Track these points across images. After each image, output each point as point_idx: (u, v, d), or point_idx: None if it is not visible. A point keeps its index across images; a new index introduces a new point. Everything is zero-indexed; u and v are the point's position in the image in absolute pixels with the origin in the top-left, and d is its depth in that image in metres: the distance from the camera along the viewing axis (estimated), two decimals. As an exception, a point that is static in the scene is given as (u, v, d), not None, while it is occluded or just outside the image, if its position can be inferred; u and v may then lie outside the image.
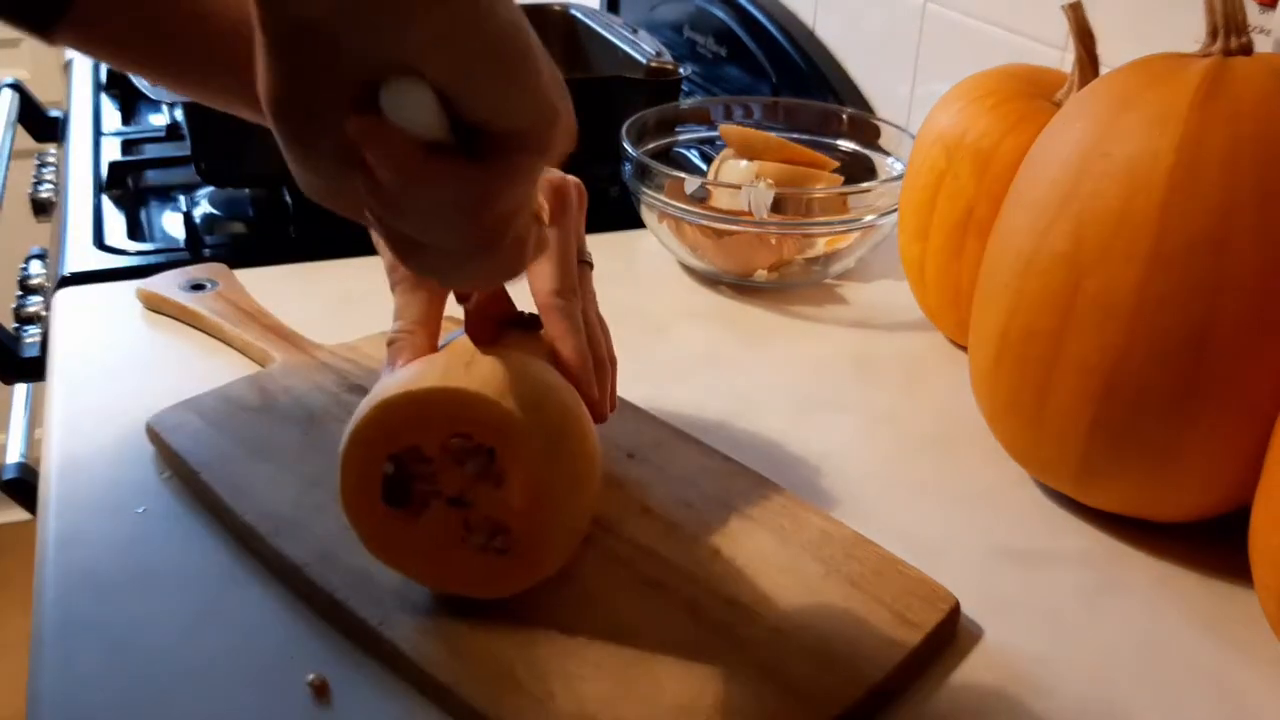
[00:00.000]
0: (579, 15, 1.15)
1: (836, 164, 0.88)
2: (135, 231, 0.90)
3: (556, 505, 0.46)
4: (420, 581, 0.49)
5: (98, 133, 1.07)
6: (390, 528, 0.47)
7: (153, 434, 0.61)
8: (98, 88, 1.18)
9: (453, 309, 0.73)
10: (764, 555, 0.53)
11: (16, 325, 0.90)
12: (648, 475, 0.59)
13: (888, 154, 0.89)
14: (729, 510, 0.56)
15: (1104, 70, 0.64)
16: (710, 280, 0.84)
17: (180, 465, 0.58)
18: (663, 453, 0.60)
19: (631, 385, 0.66)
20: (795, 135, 0.92)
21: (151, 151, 1.04)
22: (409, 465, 0.46)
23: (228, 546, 0.54)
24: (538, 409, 0.45)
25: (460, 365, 0.46)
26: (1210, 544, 0.57)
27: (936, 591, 0.51)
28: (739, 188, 0.80)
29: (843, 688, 0.46)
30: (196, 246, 0.86)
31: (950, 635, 0.51)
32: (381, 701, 0.47)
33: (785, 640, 0.48)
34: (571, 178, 0.55)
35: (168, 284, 0.76)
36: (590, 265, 0.56)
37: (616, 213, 0.94)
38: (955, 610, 0.51)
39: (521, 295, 0.53)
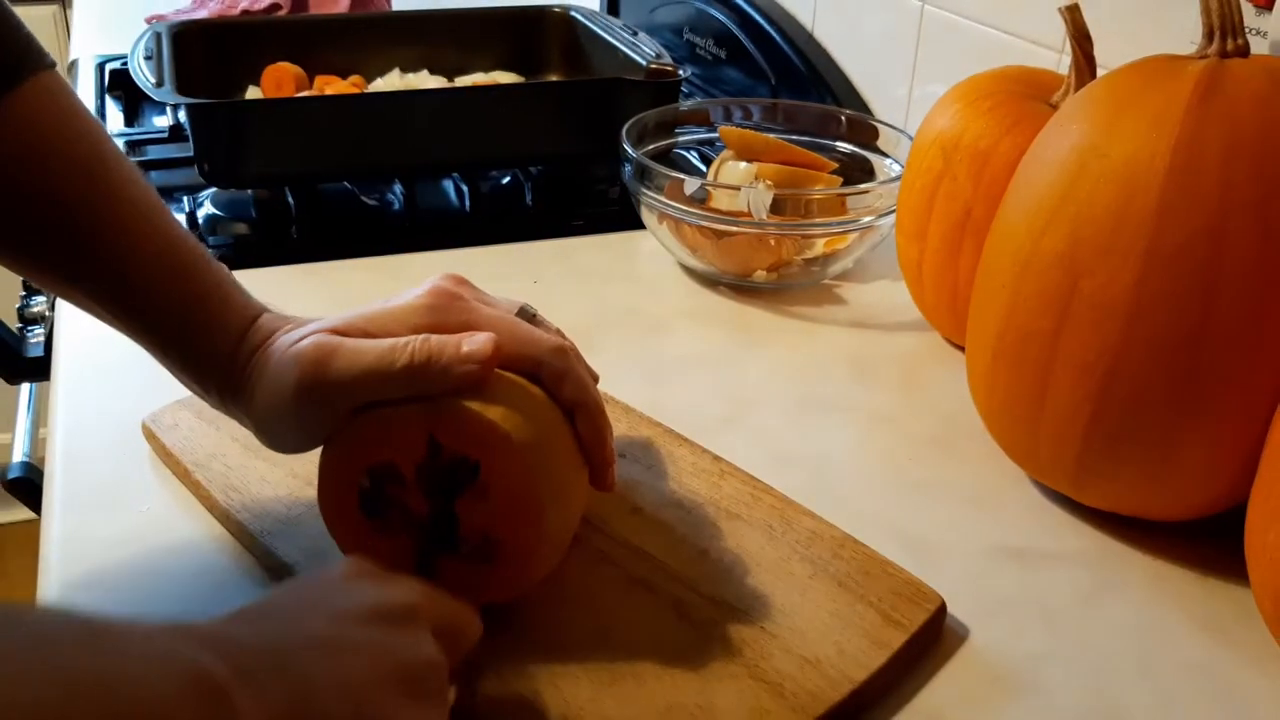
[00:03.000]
0: (579, 17, 1.15)
1: (835, 165, 0.88)
2: (138, 232, 0.90)
3: (541, 515, 0.45)
4: None
5: (100, 134, 1.08)
6: (368, 538, 0.47)
7: (148, 432, 0.61)
8: (101, 89, 1.19)
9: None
10: (752, 555, 0.53)
11: (21, 325, 0.90)
12: (638, 475, 0.59)
13: (886, 155, 0.90)
14: (718, 510, 0.56)
15: (1101, 72, 0.64)
16: (709, 281, 0.84)
17: (175, 463, 0.59)
18: (654, 453, 0.60)
19: (630, 385, 0.67)
20: (794, 137, 0.92)
21: (155, 153, 1.05)
22: (384, 485, 0.46)
23: (231, 544, 0.55)
24: (521, 419, 0.45)
25: None
26: (1207, 542, 0.58)
27: (923, 592, 0.51)
28: (738, 189, 0.81)
29: (828, 688, 0.46)
30: (199, 247, 0.87)
31: (937, 635, 0.51)
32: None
33: (771, 640, 0.48)
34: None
35: None
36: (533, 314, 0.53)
37: (616, 213, 0.95)
38: (941, 610, 0.51)
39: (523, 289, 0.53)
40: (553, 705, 0.45)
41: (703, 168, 0.97)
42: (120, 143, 1.04)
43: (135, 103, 1.18)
